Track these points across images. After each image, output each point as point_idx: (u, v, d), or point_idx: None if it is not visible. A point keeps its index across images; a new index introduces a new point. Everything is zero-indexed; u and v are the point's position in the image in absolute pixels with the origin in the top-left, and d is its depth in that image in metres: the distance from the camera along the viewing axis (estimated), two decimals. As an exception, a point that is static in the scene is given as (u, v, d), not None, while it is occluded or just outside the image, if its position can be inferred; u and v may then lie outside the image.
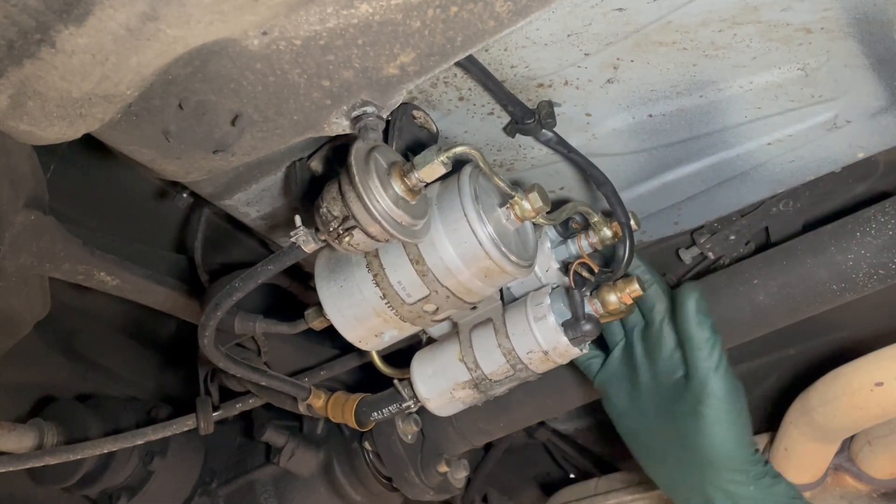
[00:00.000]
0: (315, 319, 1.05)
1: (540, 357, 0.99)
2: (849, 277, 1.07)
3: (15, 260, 1.05)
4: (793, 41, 0.92)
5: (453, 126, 1.05)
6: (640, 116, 1.03)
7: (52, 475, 1.46)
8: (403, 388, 1.10)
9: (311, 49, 0.78)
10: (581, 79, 0.97)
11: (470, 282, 0.92)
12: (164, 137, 0.85)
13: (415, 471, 1.33)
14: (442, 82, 0.98)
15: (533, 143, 1.07)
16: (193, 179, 0.98)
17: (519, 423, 1.37)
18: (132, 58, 0.72)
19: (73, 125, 0.78)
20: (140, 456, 1.52)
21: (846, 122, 1.02)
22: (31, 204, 1.04)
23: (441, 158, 0.83)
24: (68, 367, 1.58)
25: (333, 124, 0.86)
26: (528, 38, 0.91)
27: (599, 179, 1.04)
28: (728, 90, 0.99)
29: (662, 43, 0.92)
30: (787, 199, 1.21)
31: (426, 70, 0.82)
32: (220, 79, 0.80)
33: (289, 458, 1.49)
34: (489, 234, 0.89)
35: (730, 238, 1.25)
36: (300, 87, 0.81)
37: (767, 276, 1.12)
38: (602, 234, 1.03)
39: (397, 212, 0.83)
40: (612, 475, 1.60)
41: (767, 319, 1.14)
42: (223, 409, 1.41)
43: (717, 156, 1.09)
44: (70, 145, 0.93)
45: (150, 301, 1.29)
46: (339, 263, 0.98)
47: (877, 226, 1.06)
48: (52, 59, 0.70)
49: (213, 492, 1.57)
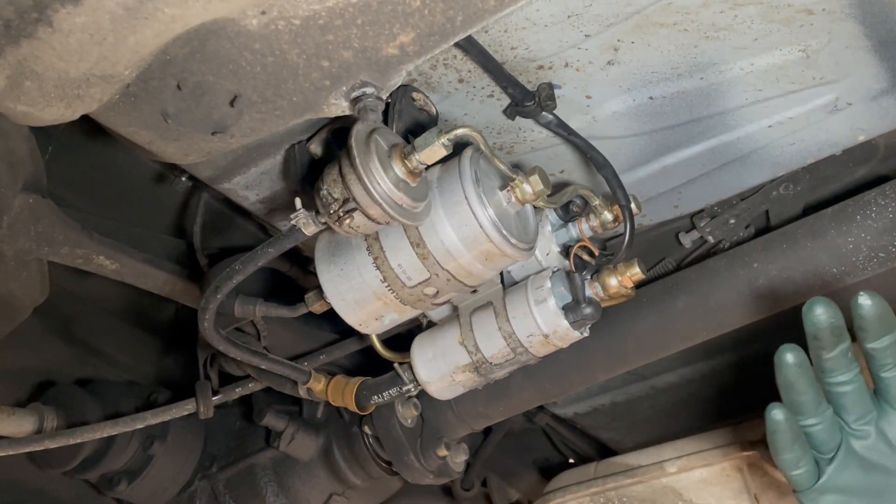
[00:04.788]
0: (315, 303, 1.05)
1: (540, 340, 0.99)
2: (849, 261, 1.07)
3: (13, 244, 1.05)
4: (794, 22, 0.91)
5: (453, 108, 1.05)
6: (641, 99, 1.03)
7: (52, 459, 1.46)
8: (404, 371, 1.11)
9: (310, 29, 0.77)
10: (581, 60, 0.97)
11: (470, 265, 0.92)
12: (162, 119, 0.85)
13: (414, 455, 1.33)
14: (442, 64, 0.97)
15: (533, 126, 1.07)
16: (192, 162, 0.98)
17: (518, 407, 1.37)
18: (130, 37, 0.71)
19: (71, 106, 0.77)
20: (140, 440, 1.52)
21: (847, 105, 1.02)
22: (29, 187, 1.03)
23: (442, 140, 0.83)
24: (67, 351, 1.58)
25: (333, 105, 0.86)
26: (529, 20, 0.90)
27: (600, 162, 1.04)
28: (729, 72, 0.99)
29: (663, 24, 0.91)
30: (788, 183, 1.21)
31: (426, 50, 0.81)
32: (218, 59, 0.79)
33: (289, 442, 1.50)
34: (490, 216, 0.89)
35: (730, 222, 1.25)
36: (299, 67, 0.81)
37: (767, 259, 1.12)
38: (603, 217, 1.03)
39: (398, 194, 0.82)
40: (611, 459, 1.61)
41: (767, 303, 1.14)
42: (223, 394, 1.42)
43: (718, 139, 1.09)
44: (68, 128, 0.93)
45: (149, 285, 1.29)
46: (339, 247, 0.98)
47: (877, 209, 1.06)
48: (49, 39, 0.69)
49: (212, 476, 1.58)
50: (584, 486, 1.51)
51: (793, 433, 0.86)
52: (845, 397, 0.85)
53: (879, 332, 0.82)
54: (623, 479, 1.47)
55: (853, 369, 0.84)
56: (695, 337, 1.21)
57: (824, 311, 0.82)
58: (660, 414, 1.70)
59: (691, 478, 1.38)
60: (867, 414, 0.86)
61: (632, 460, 1.53)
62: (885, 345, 0.82)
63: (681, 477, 1.38)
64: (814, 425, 0.87)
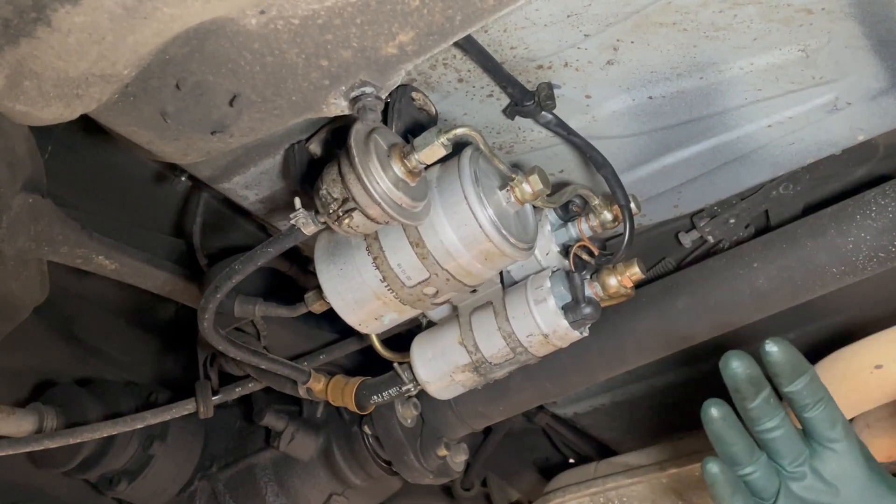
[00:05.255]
0: (315, 303, 1.05)
1: (540, 340, 0.99)
2: (849, 260, 1.07)
3: (13, 243, 1.05)
4: (794, 22, 0.91)
5: (452, 108, 1.05)
6: (640, 98, 1.03)
7: (52, 459, 1.46)
8: (403, 371, 1.11)
9: (310, 28, 0.77)
10: (581, 60, 0.97)
11: (470, 264, 0.92)
12: (161, 118, 0.85)
13: (414, 454, 1.33)
14: (441, 64, 0.97)
15: (532, 126, 1.07)
16: (191, 161, 0.98)
17: (518, 407, 1.37)
18: (129, 37, 0.71)
19: (70, 105, 0.77)
20: (140, 440, 1.52)
21: (847, 105, 1.02)
22: (28, 187, 1.03)
23: (441, 140, 0.83)
24: (67, 351, 1.58)
25: (332, 105, 0.86)
26: (528, 19, 0.90)
27: (599, 162, 1.04)
28: (728, 72, 0.98)
29: (663, 24, 0.91)
30: (787, 183, 1.21)
31: (425, 50, 0.81)
32: (217, 59, 0.79)
33: (288, 442, 1.49)
34: (489, 216, 0.89)
35: (729, 221, 1.25)
36: (298, 67, 0.81)
37: (767, 259, 1.12)
38: (602, 217, 1.03)
39: (397, 193, 0.82)
40: (611, 459, 1.61)
41: (767, 303, 1.13)
42: (222, 393, 1.42)
43: (717, 138, 1.09)
44: (67, 127, 0.93)
45: (149, 285, 1.29)
46: (338, 246, 0.98)
47: (877, 209, 1.06)
48: (48, 38, 0.69)
49: (212, 476, 1.57)
50: (584, 486, 1.51)
51: (731, 484, 0.89)
52: (776, 442, 0.88)
53: (793, 376, 0.86)
54: (623, 479, 1.47)
55: (778, 414, 0.88)
56: (695, 337, 1.21)
57: (740, 364, 0.86)
58: (660, 414, 1.69)
59: (691, 478, 1.38)
60: (800, 455, 0.89)
61: (632, 460, 1.53)
62: (801, 386, 0.86)
63: (681, 477, 1.38)
64: (751, 473, 0.89)
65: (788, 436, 0.88)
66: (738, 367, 0.87)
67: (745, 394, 0.87)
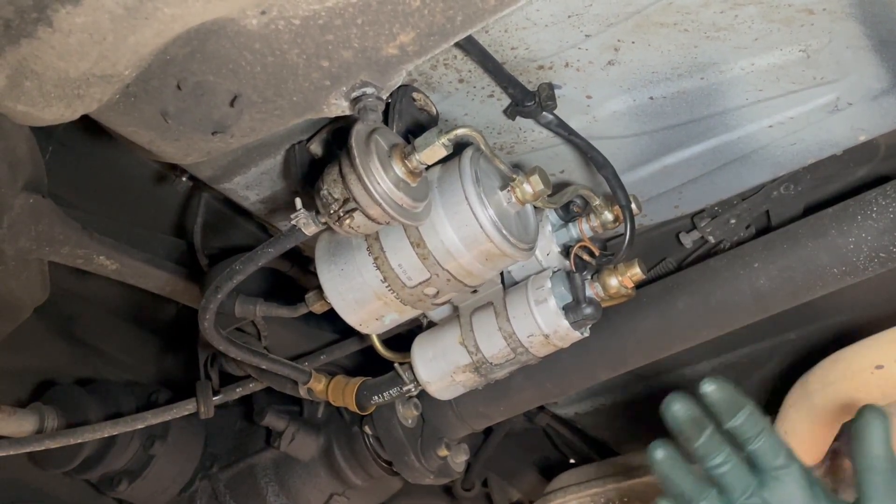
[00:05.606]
0: (315, 303, 1.05)
1: (540, 340, 0.99)
2: (850, 261, 1.07)
3: (14, 243, 1.05)
4: (794, 22, 0.91)
5: (453, 109, 1.05)
6: (641, 99, 1.03)
7: (53, 459, 1.46)
8: (404, 371, 1.11)
9: (310, 29, 0.77)
10: (582, 60, 0.97)
11: (471, 265, 0.92)
12: (162, 118, 0.85)
13: (415, 455, 1.33)
14: (442, 64, 0.97)
15: (533, 126, 1.07)
16: (192, 161, 0.98)
17: (519, 407, 1.37)
18: (130, 37, 0.71)
19: (71, 106, 0.78)
20: (141, 440, 1.52)
21: (848, 105, 1.02)
22: (29, 187, 1.03)
23: (442, 140, 0.83)
24: (68, 351, 1.58)
25: (333, 105, 0.86)
26: (529, 19, 0.90)
27: (600, 162, 1.04)
28: (729, 72, 0.98)
29: (663, 24, 0.91)
30: (788, 183, 1.21)
31: (426, 50, 0.81)
32: (218, 59, 0.79)
33: (289, 442, 1.49)
34: (490, 216, 0.89)
35: (730, 222, 1.25)
36: (299, 67, 0.81)
37: (768, 259, 1.12)
38: (603, 217, 1.03)
39: (398, 194, 0.82)
40: (611, 459, 1.61)
41: (768, 303, 1.13)
42: (223, 394, 1.42)
43: (718, 138, 1.09)
44: (68, 128, 0.93)
45: (150, 285, 1.29)
46: (339, 247, 0.98)
47: (878, 209, 1.05)
48: (49, 39, 0.69)
49: (213, 476, 1.58)
50: (584, 486, 1.51)
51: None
52: (725, 477, 0.89)
53: (732, 411, 0.88)
54: (623, 479, 1.48)
55: (724, 450, 0.89)
56: (695, 337, 1.21)
57: (681, 407, 0.89)
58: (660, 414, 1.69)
59: (692, 478, 1.38)
60: (749, 487, 0.90)
61: (632, 460, 1.53)
62: (741, 421, 0.88)
63: (681, 477, 1.38)
64: None
65: (736, 470, 0.90)
66: (679, 410, 0.89)
67: (689, 434, 0.89)
